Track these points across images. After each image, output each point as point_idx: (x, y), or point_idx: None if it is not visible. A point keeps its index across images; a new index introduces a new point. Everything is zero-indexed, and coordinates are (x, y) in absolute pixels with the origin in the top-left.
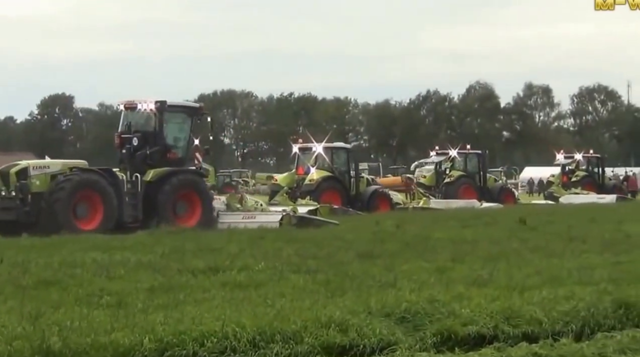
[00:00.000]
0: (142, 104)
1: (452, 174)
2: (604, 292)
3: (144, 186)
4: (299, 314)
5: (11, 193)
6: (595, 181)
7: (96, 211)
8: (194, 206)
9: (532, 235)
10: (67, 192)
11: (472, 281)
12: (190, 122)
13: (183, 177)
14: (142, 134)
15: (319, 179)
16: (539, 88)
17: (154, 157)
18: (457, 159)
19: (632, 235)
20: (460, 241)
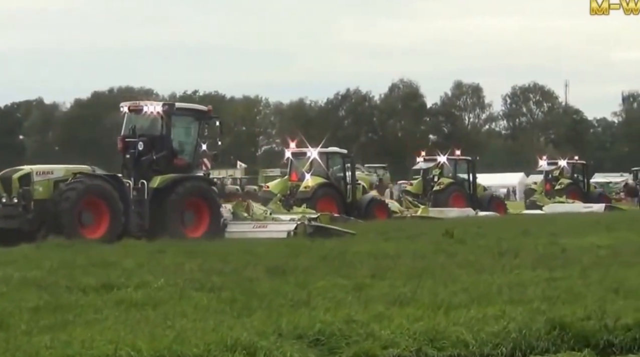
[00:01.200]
0: (148, 106)
1: (441, 181)
2: (537, 311)
3: (151, 193)
4: (201, 336)
5: (13, 200)
6: (580, 189)
7: (102, 219)
8: (201, 215)
9: (460, 249)
10: (73, 199)
11: (394, 300)
12: (197, 126)
13: (192, 185)
14: (148, 138)
15: (315, 186)
16: (469, 87)
17: (161, 163)
18: (446, 165)
19: (568, 249)
20: (381, 255)
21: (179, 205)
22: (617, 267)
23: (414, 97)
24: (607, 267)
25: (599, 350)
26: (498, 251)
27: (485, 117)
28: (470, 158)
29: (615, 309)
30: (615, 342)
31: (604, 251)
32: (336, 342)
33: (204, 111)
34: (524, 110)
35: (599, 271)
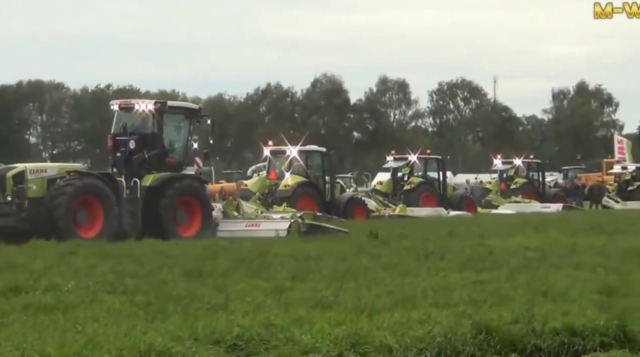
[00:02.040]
0: (139, 104)
1: (412, 180)
2: (463, 315)
3: (144, 192)
4: (113, 341)
5: (7, 198)
6: (536, 189)
7: (96, 218)
8: (193, 214)
9: (385, 250)
10: (68, 198)
11: (315, 303)
12: (188, 124)
13: (184, 183)
14: (139, 136)
15: (294, 184)
16: (395, 83)
17: (152, 161)
18: (416, 164)
19: (495, 250)
20: (303, 256)
21: (172, 204)
22: (545, 269)
23: (338, 93)
24: (535, 270)
25: (526, 354)
26: (423, 253)
27: (411, 113)
28: (440, 157)
29: (543, 313)
30: (543, 347)
31: (532, 253)
32: (255, 347)
33: (194, 109)
34: (451, 107)
35: (527, 273)
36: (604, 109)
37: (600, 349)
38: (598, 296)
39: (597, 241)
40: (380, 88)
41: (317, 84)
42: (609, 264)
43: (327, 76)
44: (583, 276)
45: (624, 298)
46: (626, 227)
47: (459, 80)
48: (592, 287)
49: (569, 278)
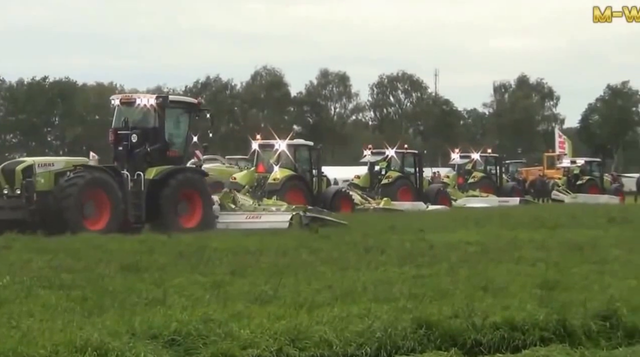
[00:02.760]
0: (141, 99)
1: (389, 175)
2: (403, 310)
3: (147, 185)
4: (49, 337)
5: (16, 191)
6: (493, 183)
7: (103, 210)
8: (194, 206)
9: (325, 245)
10: (77, 191)
11: (254, 298)
12: (188, 118)
13: (186, 176)
14: (141, 130)
15: (283, 178)
16: (335, 76)
17: (154, 155)
18: (394, 158)
19: (435, 245)
20: (242, 251)
21: (174, 196)
22: (485, 264)
23: (278, 86)
24: (476, 264)
25: (466, 349)
26: (364, 247)
27: (352, 107)
28: (416, 151)
29: (483, 307)
30: (483, 342)
31: (473, 248)
32: (193, 342)
33: (194, 103)
34: (392, 101)
35: (467, 268)
36: (545, 103)
37: (540, 343)
38: (538, 291)
39: (537, 235)
40: (320, 81)
41: (257, 77)
42: (549, 259)
43: (267, 69)
44: (523, 271)
45: (564, 292)
46: (567, 221)
47: (399, 74)
48: (532, 282)
49: (510, 273)
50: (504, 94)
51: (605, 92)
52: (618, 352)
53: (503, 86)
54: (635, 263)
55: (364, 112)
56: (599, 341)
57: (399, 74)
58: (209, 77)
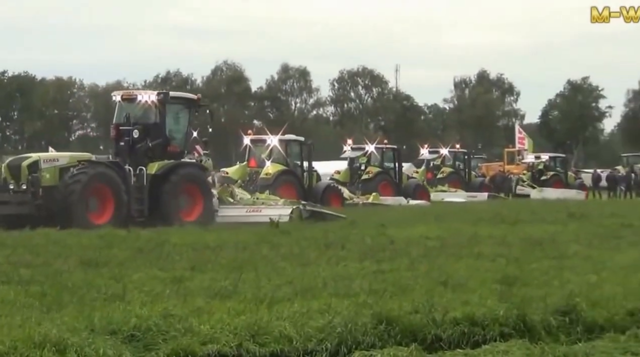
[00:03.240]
0: (142, 95)
1: (369, 170)
2: (364, 305)
3: (149, 179)
4: (7, 333)
5: (22, 186)
6: (462, 178)
7: (107, 204)
8: (195, 200)
9: (285, 240)
10: (82, 186)
11: (214, 293)
12: (188, 113)
13: (187, 171)
14: (142, 126)
15: (275, 172)
16: (296, 71)
17: (156, 150)
18: (373, 154)
19: (396, 240)
20: (202, 246)
21: (176, 190)
22: (445, 259)
23: (238, 81)
24: (436, 259)
25: (426, 345)
26: (324, 243)
27: (312, 102)
28: (395, 147)
29: (443, 303)
30: (443, 337)
31: (433, 243)
32: (152, 338)
33: (193, 99)
34: (353, 96)
35: (427, 263)
36: (505, 98)
37: (500, 338)
38: (498, 286)
39: (497, 231)
40: (281, 76)
41: (217, 71)
42: (509, 254)
43: (227, 64)
44: (483, 266)
45: (523, 288)
46: (527, 216)
47: (360, 69)
48: (492, 277)
49: (470, 268)
50: (465, 89)
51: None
52: (577, 348)
53: (463, 82)
54: (594, 258)
55: (324, 107)
56: (558, 336)
57: (360, 69)
58: (169, 72)
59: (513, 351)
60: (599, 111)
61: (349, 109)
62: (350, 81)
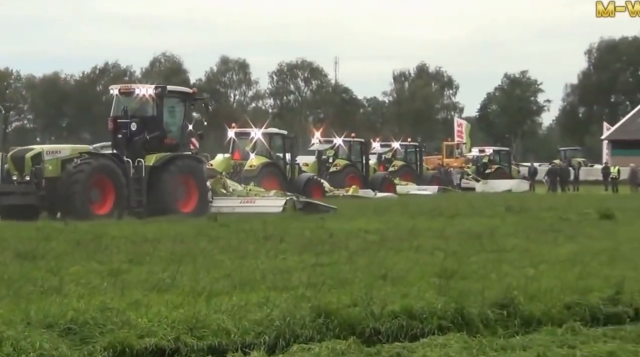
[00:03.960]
0: (140, 89)
1: (337, 162)
2: (302, 298)
3: (147, 171)
4: None
5: (25, 178)
6: (413, 171)
7: (107, 195)
8: (190, 191)
9: (224, 233)
10: (85, 177)
11: (152, 286)
12: (184, 107)
13: (184, 162)
14: (140, 119)
15: (259, 165)
16: (235, 63)
17: (153, 143)
18: (341, 147)
19: (335, 233)
20: (140, 239)
21: (173, 181)
22: (384, 252)
23: (177, 73)
24: (375, 253)
25: (364, 338)
26: (263, 235)
27: (251, 94)
28: (362, 140)
29: (382, 296)
30: (382, 330)
31: (372, 236)
32: (89, 331)
33: (189, 93)
34: (292, 88)
35: (366, 256)
36: (445, 92)
37: (438, 332)
38: (437, 279)
39: (436, 224)
40: (220, 68)
41: (156, 63)
42: (447, 247)
43: (166, 55)
44: (422, 259)
45: (462, 281)
46: (466, 210)
47: (299, 62)
48: (430, 270)
49: (408, 261)
50: (404, 82)
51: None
52: (515, 341)
53: (403, 75)
54: (532, 252)
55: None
56: (496, 329)
57: (299, 62)
58: (107, 63)
59: (451, 344)
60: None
61: (288, 102)
62: (289, 74)
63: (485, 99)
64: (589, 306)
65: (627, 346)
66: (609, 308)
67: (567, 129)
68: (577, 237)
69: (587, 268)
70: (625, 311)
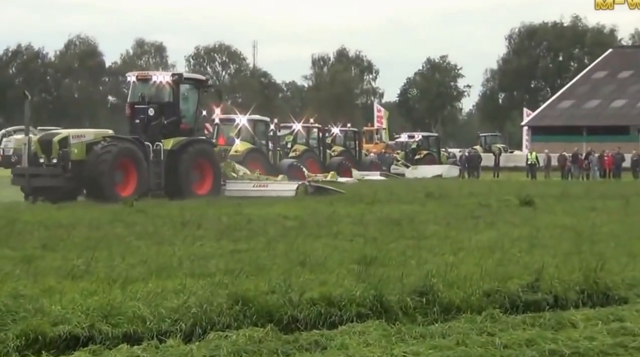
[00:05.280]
0: (157, 76)
1: (296, 148)
2: (219, 285)
3: (165, 155)
4: None
5: (52, 161)
6: (353, 157)
7: (130, 178)
8: (205, 174)
9: (140, 218)
10: (111, 158)
11: (66, 273)
12: (197, 93)
13: (200, 146)
14: (157, 105)
15: (244, 150)
16: (152, 46)
17: (170, 128)
18: (300, 132)
19: (253, 219)
20: (54, 224)
21: (190, 165)
22: (303, 238)
23: (92, 55)
24: (293, 239)
25: (282, 325)
26: (180, 221)
27: None
28: (320, 126)
29: (300, 283)
30: (300, 318)
31: (291, 222)
32: (1, 318)
33: (202, 80)
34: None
35: (285, 242)
36: (364, 77)
37: (357, 319)
38: (356, 266)
39: (355, 210)
40: (136, 51)
41: (70, 45)
42: (367, 234)
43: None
44: (341, 246)
45: (381, 268)
46: (385, 196)
47: (217, 45)
48: (350, 257)
49: (327, 248)
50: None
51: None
52: (434, 328)
53: (322, 59)
54: (452, 238)
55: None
56: (415, 316)
57: (217, 46)
58: (19, 45)
59: (370, 331)
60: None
61: None
62: (206, 57)
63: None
64: (508, 293)
65: (546, 333)
66: (529, 295)
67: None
68: (497, 223)
69: (506, 255)
70: (545, 298)
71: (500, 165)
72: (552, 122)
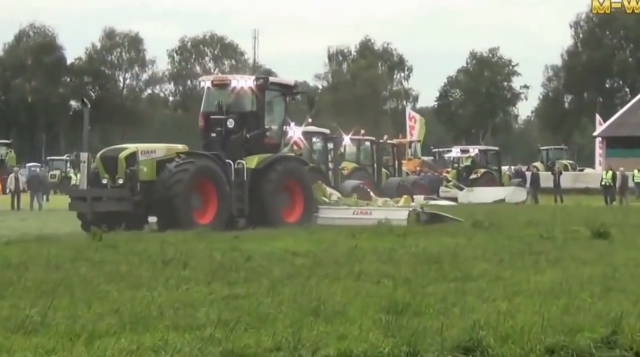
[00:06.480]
0: (237, 80)
1: (345, 166)
2: (210, 340)
3: (249, 175)
4: None
5: (117, 181)
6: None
7: (209, 202)
8: (294, 198)
9: (110, 256)
10: (188, 177)
11: (16, 326)
12: (284, 101)
13: (289, 165)
14: (238, 115)
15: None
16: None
17: (253, 142)
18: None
19: (254, 256)
20: (1, 264)
21: (277, 187)
22: (317, 280)
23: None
24: (305, 281)
25: None
26: (161, 259)
27: (147, 78)
28: (373, 138)
29: (313, 337)
30: None
31: (301, 260)
32: None
33: (290, 86)
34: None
35: (294, 285)
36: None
37: None
38: (384, 315)
39: (384, 244)
40: (105, 44)
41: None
42: (398, 274)
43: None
44: (365, 289)
45: (415, 318)
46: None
47: (207, 36)
48: (376, 304)
49: (348, 292)
50: (342, 63)
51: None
52: None
53: (341, 53)
54: (505, 280)
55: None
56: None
57: (207, 37)
58: None
59: None
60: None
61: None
62: (194, 51)
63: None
64: (577, 350)
65: None
66: (603, 352)
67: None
68: (563, 261)
69: (575, 301)
70: (624, 356)
71: (561, 186)
72: (633, 131)
